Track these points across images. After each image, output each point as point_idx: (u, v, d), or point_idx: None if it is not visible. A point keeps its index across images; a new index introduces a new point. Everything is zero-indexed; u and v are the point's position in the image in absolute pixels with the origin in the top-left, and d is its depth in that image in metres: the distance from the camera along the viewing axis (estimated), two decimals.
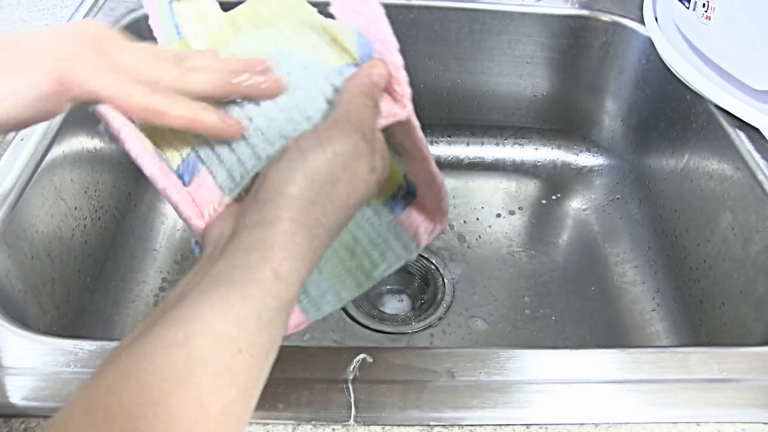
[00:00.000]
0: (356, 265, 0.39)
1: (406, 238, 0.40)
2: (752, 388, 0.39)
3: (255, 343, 0.25)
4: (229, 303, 0.25)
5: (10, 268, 0.49)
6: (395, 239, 0.40)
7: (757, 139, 0.58)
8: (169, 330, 0.24)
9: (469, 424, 0.37)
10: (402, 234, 0.40)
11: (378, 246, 0.40)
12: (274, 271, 0.26)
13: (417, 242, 0.40)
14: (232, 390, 0.24)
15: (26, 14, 0.69)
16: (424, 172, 0.36)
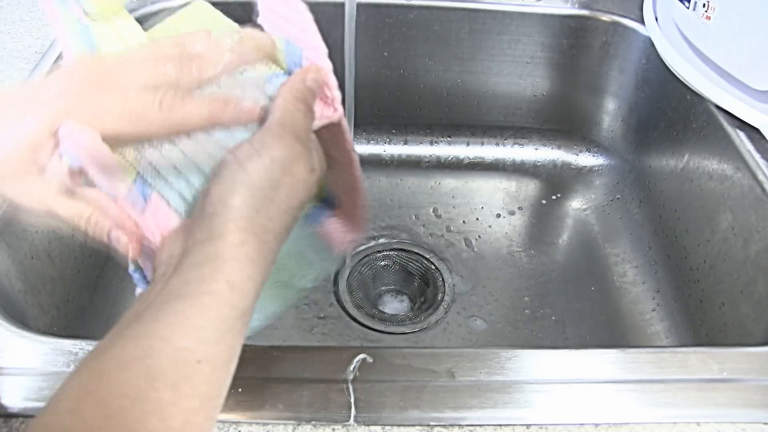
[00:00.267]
0: (278, 280, 0.39)
1: (324, 249, 0.40)
2: (752, 388, 0.39)
3: (214, 353, 0.26)
4: (185, 316, 0.25)
5: (10, 268, 0.49)
6: (315, 252, 0.40)
7: (757, 139, 0.58)
8: (127, 347, 0.25)
9: (469, 424, 0.37)
10: (320, 245, 0.40)
11: (300, 259, 0.40)
12: (228, 281, 0.27)
13: (336, 252, 0.40)
14: (193, 401, 0.24)
15: (26, 14, 0.69)
16: (349, 177, 0.37)
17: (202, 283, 0.26)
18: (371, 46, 0.77)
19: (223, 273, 0.27)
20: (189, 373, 0.25)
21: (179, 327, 0.25)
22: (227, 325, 0.26)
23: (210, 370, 0.25)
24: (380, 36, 0.76)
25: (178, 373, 0.24)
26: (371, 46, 0.77)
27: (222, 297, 0.26)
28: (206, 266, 0.27)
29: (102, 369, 0.24)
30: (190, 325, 0.25)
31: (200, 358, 0.25)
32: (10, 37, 0.66)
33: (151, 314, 0.26)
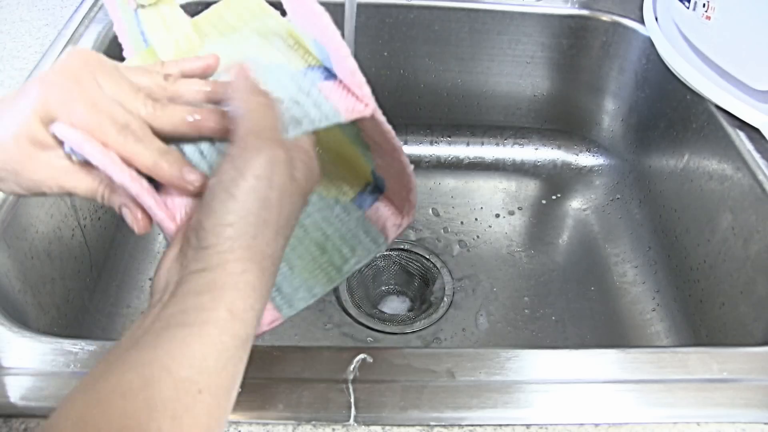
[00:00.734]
0: (327, 260, 0.39)
1: (375, 232, 0.40)
2: (752, 388, 0.39)
3: (215, 383, 0.25)
4: (186, 345, 0.25)
5: (10, 268, 0.49)
6: (364, 234, 0.40)
7: (757, 139, 0.58)
8: (127, 376, 0.24)
9: (469, 424, 0.37)
10: (371, 228, 0.40)
11: (347, 241, 0.40)
12: (229, 310, 0.26)
13: (385, 236, 0.40)
14: (193, 431, 0.24)
15: (26, 14, 0.69)
16: (395, 163, 0.37)
17: (202, 311, 0.26)
18: (371, 46, 0.77)
19: (224, 302, 0.26)
20: (190, 403, 0.24)
21: (180, 356, 0.25)
22: (229, 354, 0.26)
23: (211, 400, 0.25)
24: (380, 36, 0.76)
25: (179, 404, 0.24)
26: (371, 46, 0.77)
27: (223, 326, 0.26)
28: (206, 295, 0.26)
29: (101, 398, 0.24)
30: (191, 354, 0.25)
31: (201, 388, 0.25)
32: (10, 37, 0.66)
33: (150, 341, 0.25)
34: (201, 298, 0.26)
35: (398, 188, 0.39)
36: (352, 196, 0.42)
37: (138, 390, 0.24)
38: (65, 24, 0.66)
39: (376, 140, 0.37)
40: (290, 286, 0.39)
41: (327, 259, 0.40)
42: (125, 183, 0.31)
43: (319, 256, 0.40)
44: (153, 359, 0.25)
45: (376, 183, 0.41)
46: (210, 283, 0.27)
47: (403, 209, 0.40)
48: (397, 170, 0.37)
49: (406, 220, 0.40)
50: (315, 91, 0.33)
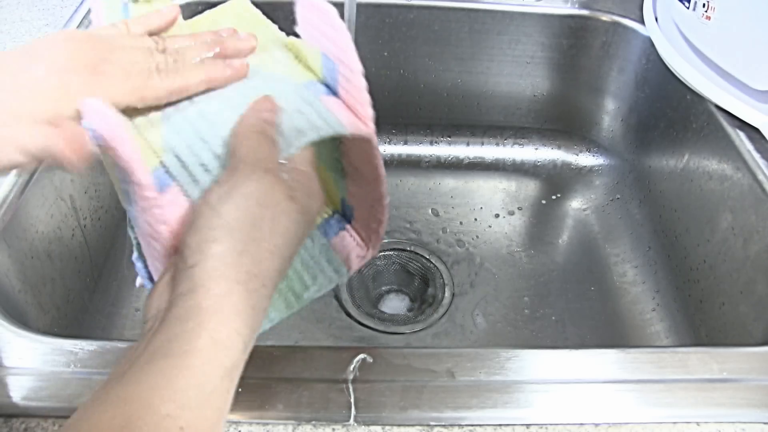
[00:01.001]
0: (287, 286, 0.39)
1: (338, 262, 0.40)
2: (752, 388, 0.39)
3: (198, 417, 0.24)
4: (167, 378, 0.24)
5: (10, 268, 0.49)
6: (327, 263, 0.40)
7: (757, 139, 0.58)
8: (108, 414, 0.24)
9: (469, 424, 0.37)
10: (333, 258, 0.40)
11: (310, 269, 0.39)
12: (212, 338, 0.25)
13: (348, 266, 0.40)
14: None
15: (26, 14, 0.69)
16: (373, 192, 0.36)
17: (184, 340, 0.25)
18: (371, 46, 0.77)
19: (207, 329, 0.25)
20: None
21: (161, 390, 0.24)
22: (212, 385, 0.25)
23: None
24: (380, 36, 0.76)
25: None
26: (371, 46, 0.77)
27: (206, 355, 0.25)
28: (189, 321, 0.25)
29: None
30: (172, 388, 0.24)
31: (183, 425, 0.24)
32: (10, 37, 0.66)
33: (134, 375, 0.25)
34: (185, 325, 0.25)
35: (368, 219, 0.39)
36: (318, 222, 0.41)
37: (118, 429, 0.23)
38: (65, 24, 0.67)
39: (358, 167, 0.36)
40: None
41: (287, 285, 0.39)
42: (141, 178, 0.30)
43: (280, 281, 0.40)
44: (134, 394, 0.24)
45: (344, 212, 0.41)
46: (194, 307, 0.26)
47: (370, 241, 0.40)
48: (372, 200, 0.37)
49: (371, 252, 0.40)
50: (318, 103, 0.33)
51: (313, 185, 0.31)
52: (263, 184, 0.28)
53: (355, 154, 0.35)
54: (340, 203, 0.41)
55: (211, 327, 0.25)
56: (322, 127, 0.31)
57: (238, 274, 0.26)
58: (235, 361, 0.26)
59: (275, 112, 0.31)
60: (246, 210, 0.27)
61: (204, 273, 0.26)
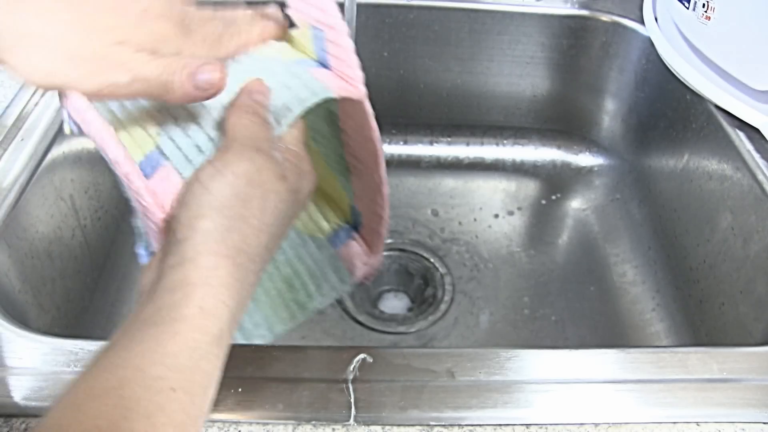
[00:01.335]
0: (292, 298, 0.40)
1: (343, 270, 0.40)
2: (752, 388, 0.39)
3: (188, 380, 0.25)
4: (157, 343, 0.25)
5: (10, 268, 0.49)
6: (333, 271, 0.40)
7: (757, 139, 0.58)
8: (100, 378, 0.24)
9: (469, 424, 0.37)
10: (339, 266, 0.41)
11: (316, 278, 0.40)
12: (200, 307, 0.26)
13: (352, 273, 0.40)
14: (167, 429, 0.24)
15: None
16: (373, 178, 0.36)
17: (173, 309, 0.26)
18: (371, 46, 0.77)
19: (194, 299, 0.26)
20: (163, 401, 0.24)
21: (152, 355, 0.25)
22: (201, 351, 0.26)
23: (185, 397, 0.25)
24: (380, 36, 0.76)
25: (152, 402, 0.24)
26: (371, 46, 0.77)
27: (194, 323, 0.26)
28: (177, 292, 0.26)
29: (76, 402, 0.24)
30: (162, 352, 0.25)
31: (174, 386, 0.24)
32: None
33: (124, 343, 0.25)
34: (173, 295, 0.26)
35: (371, 220, 0.39)
36: (328, 232, 0.42)
37: (111, 390, 0.24)
38: None
39: (358, 151, 0.36)
40: (251, 321, 0.39)
41: (292, 297, 0.40)
42: (119, 159, 0.30)
43: (285, 292, 0.40)
44: (126, 360, 0.25)
45: (354, 219, 0.41)
46: (183, 279, 0.26)
47: (374, 245, 0.40)
48: (373, 190, 0.37)
49: (375, 258, 0.40)
50: (306, 74, 0.33)
51: (304, 165, 0.32)
52: (254, 163, 0.29)
53: (352, 133, 0.35)
54: (350, 211, 0.41)
55: (199, 297, 0.26)
56: (307, 98, 0.31)
57: (227, 249, 0.27)
58: (223, 329, 0.27)
59: (266, 94, 0.32)
60: (236, 188, 0.28)
61: (192, 247, 0.27)
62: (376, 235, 0.39)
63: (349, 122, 0.34)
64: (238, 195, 0.28)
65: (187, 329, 0.26)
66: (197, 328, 0.26)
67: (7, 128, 0.54)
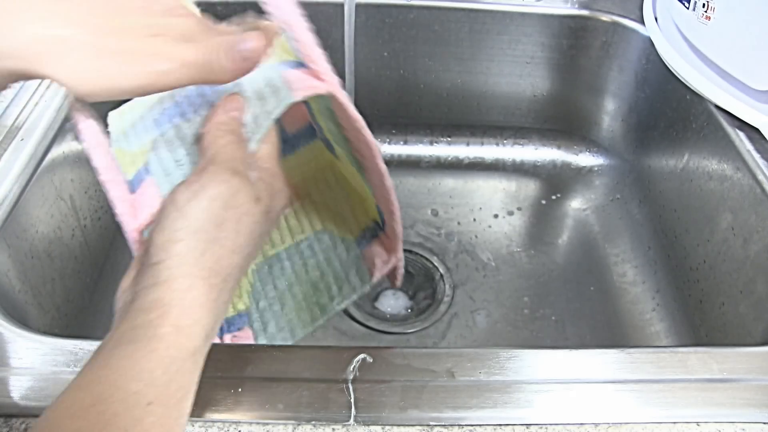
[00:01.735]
0: (316, 300, 0.40)
1: (363, 271, 0.41)
2: (752, 388, 0.39)
3: (164, 394, 0.26)
4: (134, 360, 0.26)
5: (10, 268, 0.49)
6: (355, 272, 0.41)
7: (757, 139, 0.58)
8: (78, 395, 0.25)
9: (469, 424, 0.37)
10: (361, 266, 0.41)
11: (339, 280, 0.41)
12: (175, 326, 0.27)
13: (371, 273, 0.41)
14: None
15: None
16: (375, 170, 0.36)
17: (149, 328, 0.26)
18: (371, 46, 0.77)
19: (169, 318, 0.27)
20: (140, 415, 0.24)
21: (128, 371, 0.25)
22: (176, 366, 0.26)
23: (161, 410, 0.25)
24: (380, 36, 0.76)
25: (129, 417, 0.24)
26: (371, 46, 0.77)
27: (169, 341, 0.26)
28: (153, 312, 0.27)
29: (55, 420, 0.24)
30: (138, 368, 0.25)
31: (151, 399, 0.25)
32: None
33: (101, 360, 0.26)
34: (149, 315, 0.27)
35: (388, 214, 0.39)
36: (357, 234, 0.43)
37: (88, 407, 0.24)
38: None
39: (354, 138, 0.36)
40: (276, 325, 0.40)
41: (316, 300, 0.40)
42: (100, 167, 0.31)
43: (311, 295, 0.41)
44: (103, 377, 0.25)
45: (381, 217, 0.42)
46: (157, 300, 0.27)
47: (393, 243, 0.40)
48: (380, 185, 0.37)
49: (394, 257, 0.41)
50: (278, 79, 0.33)
51: (277, 183, 0.32)
52: (230, 187, 0.29)
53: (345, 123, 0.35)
54: (376, 209, 0.42)
55: (173, 317, 0.27)
56: (273, 109, 0.31)
57: (201, 270, 0.28)
58: (198, 345, 0.28)
59: (241, 110, 0.32)
60: (211, 212, 0.28)
61: (167, 270, 0.27)
62: (394, 233, 0.40)
63: (342, 116, 0.34)
64: (213, 219, 0.28)
65: (163, 347, 0.26)
66: (172, 345, 0.26)
67: (7, 128, 0.54)
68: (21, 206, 0.50)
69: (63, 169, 0.57)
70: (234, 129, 0.31)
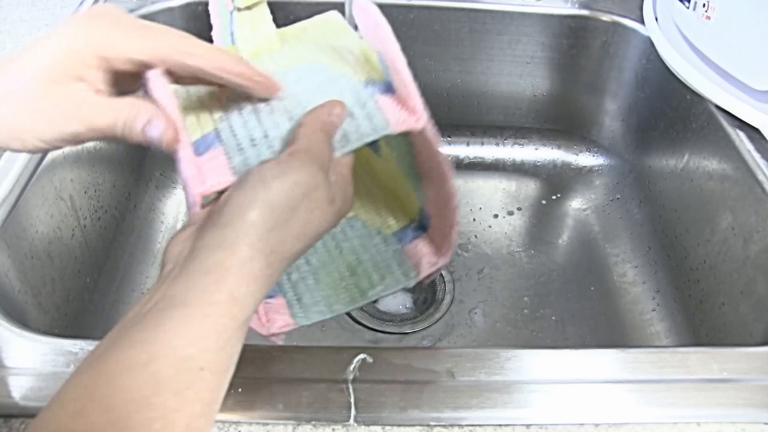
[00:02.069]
0: (354, 283, 0.41)
1: (408, 266, 0.42)
2: (752, 388, 0.39)
3: (214, 361, 0.26)
4: (188, 324, 0.26)
5: (10, 268, 0.49)
6: (397, 266, 0.42)
7: (757, 139, 0.58)
8: (131, 351, 0.25)
9: (469, 424, 0.37)
10: (405, 262, 0.42)
11: (379, 269, 0.42)
12: (231, 294, 0.27)
13: (417, 272, 0.42)
14: (195, 406, 0.25)
15: (26, 14, 0.69)
16: (442, 191, 0.38)
17: (205, 292, 0.27)
18: None
19: (227, 285, 0.27)
20: (192, 379, 0.25)
21: (182, 334, 0.26)
22: (228, 335, 0.27)
23: (211, 377, 0.26)
24: None
25: (182, 380, 0.25)
26: None
27: (224, 308, 0.27)
28: (211, 275, 0.27)
29: (107, 372, 0.24)
30: (193, 333, 0.26)
31: (202, 365, 0.25)
32: (10, 37, 0.66)
33: (154, 319, 0.26)
34: (207, 278, 0.27)
35: (441, 225, 0.40)
36: (395, 230, 0.44)
37: (143, 366, 0.24)
38: None
39: (427, 166, 0.38)
40: (311, 298, 0.41)
41: (354, 282, 0.41)
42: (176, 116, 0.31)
43: (347, 276, 0.42)
44: (157, 337, 0.25)
45: (421, 221, 0.43)
46: (217, 263, 0.27)
47: (442, 248, 0.41)
48: (443, 200, 0.38)
49: (443, 260, 0.42)
50: (371, 103, 0.35)
51: (349, 191, 0.34)
52: (314, 179, 0.30)
53: (421, 151, 0.37)
54: (418, 212, 0.43)
55: (231, 284, 0.27)
56: (365, 131, 0.33)
57: (264, 245, 0.28)
58: (247, 317, 0.28)
59: (342, 118, 0.33)
60: (291, 195, 0.29)
61: (234, 234, 0.28)
62: (445, 239, 0.41)
63: (418, 139, 0.36)
64: (291, 202, 0.29)
65: (217, 314, 0.26)
66: (226, 313, 0.27)
67: None
68: (21, 206, 0.50)
69: (63, 169, 0.57)
70: (330, 132, 0.33)
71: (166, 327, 0.26)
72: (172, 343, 0.25)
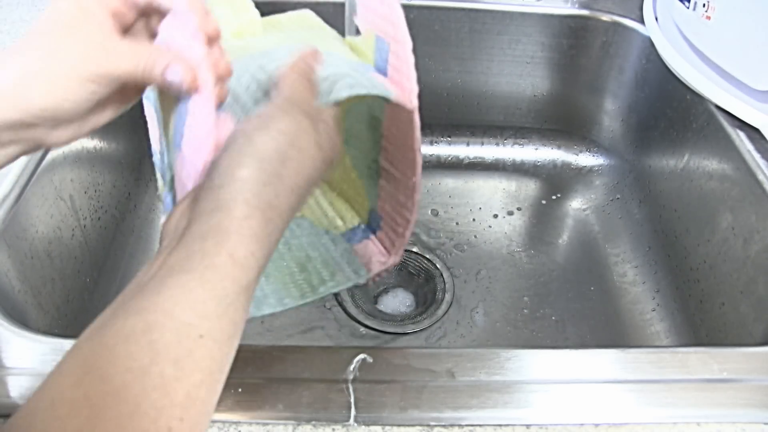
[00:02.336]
0: (304, 279, 0.41)
1: (358, 265, 0.42)
2: (752, 388, 0.39)
3: (216, 328, 0.25)
4: (187, 290, 0.25)
5: (10, 268, 0.49)
6: (347, 264, 0.42)
7: (757, 139, 0.58)
8: (130, 321, 0.24)
9: (469, 424, 0.37)
10: (354, 260, 0.42)
11: (329, 267, 0.42)
12: (230, 255, 0.26)
13: (368, 269, 0.42)
14: (195, 375, 0.24)
15: (26, 14, 0.69)
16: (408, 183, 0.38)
17: (204, 256, 0.26)
18: None
19: (226, 247, 0.26)
20: (191, 347, 0.24)
21: (182, 301, 0.25)
22: (229, 299, 0.26)
23: (212, 344, 0.25)
24: None
25: (181, 348, 0.24)
26: None
27: (224, 271, 0.26)
28: (209, 239, 0.27)
29: (105, 342, 0.24)
30: (192, 299, 0.25)
31: (202, 332, 0.25)
32: (10, 37, 0.66)
33: (153, 287, 0.26)
34: (205, 242, 0.27)
35: (395, 224, 0.41)
36: (342, 231, 0.44)
37: (141, 334, 0.24)
38: None
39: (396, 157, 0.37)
40: (261, 291, 0.41)
41: (304, 278, 0.41)
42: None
43: (297, 273, 0.42)
44: (156, 305, 0.25)
45: (370, 223, 0.43)
46: (215, 226, 0.27)
47: (393, 248, 0.42)
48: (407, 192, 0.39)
49: (393, 259, 0.42)
50: (367, 73, 0.35)
51: (336, 138, 0.33)
52: (298, 125, 0.30)
53: (394, 140, 0.37)
54: (368, 214, 0.43)
55: (231, 246, 0.26)
56: (368, 85, 0.33)
57: (260, 202, 0.28)
58: (250, 280, 0.27)
59: (320, 62, 0.33)
60: (278, 145, 0.29)
61: (228, 195, 0.28)
62: (398, 238, 0.41)
63: (393, 130, 0.36)
64: (279, 152, 0.29)
65: (217, 278, 0.26)
66: (227, 276, 0.26)
67: None
68: (21, 206, 0.50)
69: (63, 169, 0.57)
70: (310, 77, 0.32)
71: (165, 295, 0.25)
72: (170, 310, 0.25)
